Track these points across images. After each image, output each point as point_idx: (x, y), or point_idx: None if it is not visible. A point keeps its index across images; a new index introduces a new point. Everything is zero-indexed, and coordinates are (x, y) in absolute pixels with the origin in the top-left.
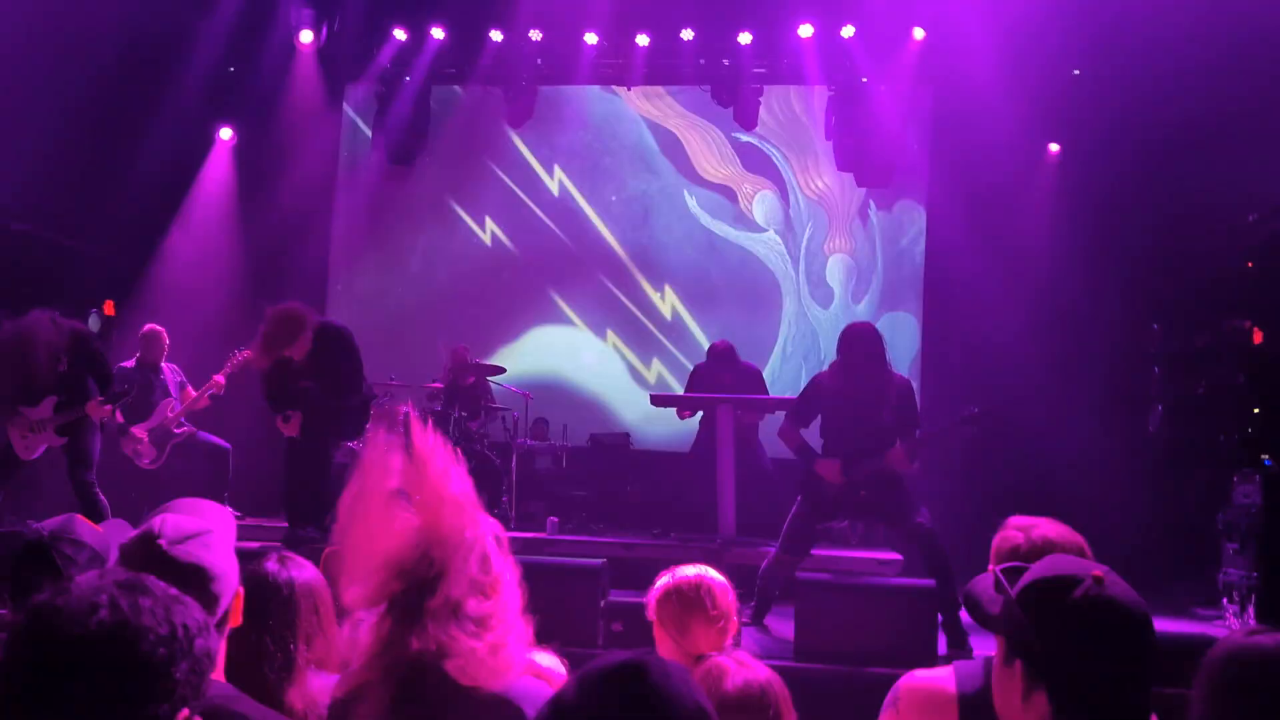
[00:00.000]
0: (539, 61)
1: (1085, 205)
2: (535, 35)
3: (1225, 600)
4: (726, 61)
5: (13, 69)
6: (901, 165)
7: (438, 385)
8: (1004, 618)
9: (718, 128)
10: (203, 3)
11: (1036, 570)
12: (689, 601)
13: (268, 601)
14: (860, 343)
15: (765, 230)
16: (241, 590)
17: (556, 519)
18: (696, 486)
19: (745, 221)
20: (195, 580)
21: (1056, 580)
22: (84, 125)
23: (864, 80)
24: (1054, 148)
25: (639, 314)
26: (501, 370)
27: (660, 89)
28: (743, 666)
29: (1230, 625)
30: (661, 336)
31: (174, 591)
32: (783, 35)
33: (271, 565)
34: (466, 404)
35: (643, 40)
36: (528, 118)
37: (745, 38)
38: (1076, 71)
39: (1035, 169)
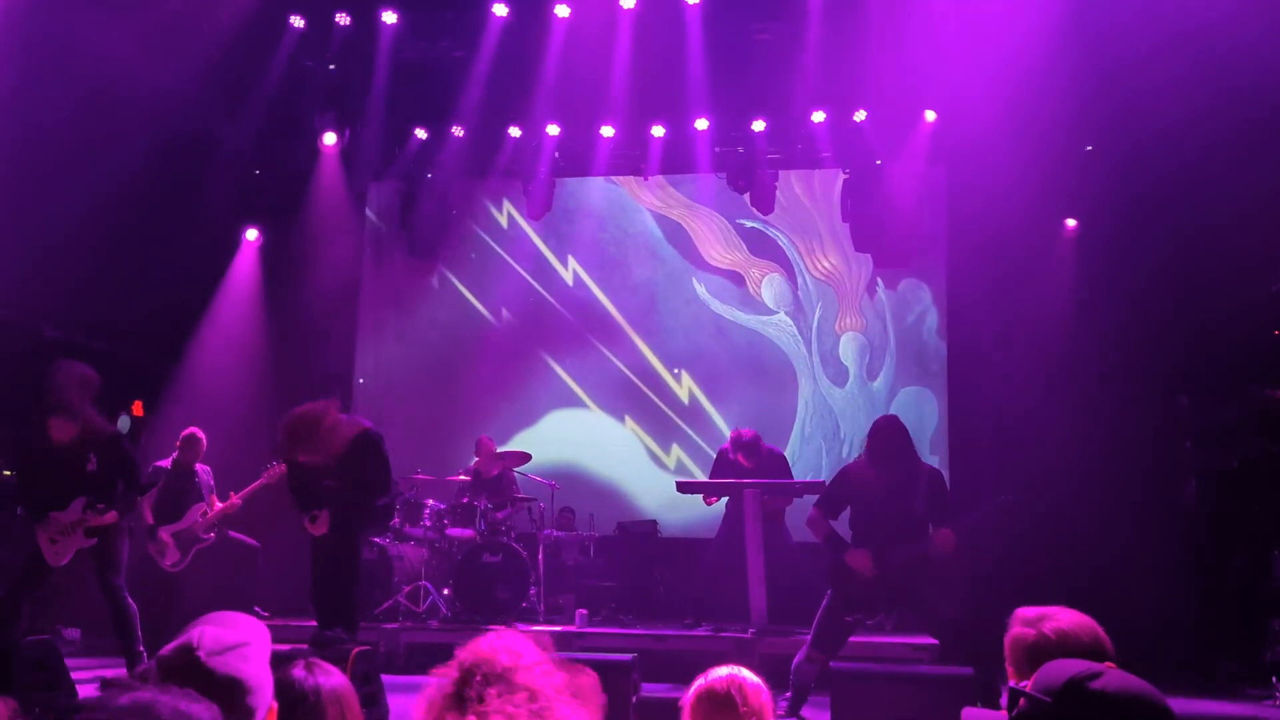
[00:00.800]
0: (556, 155)
1: (1105, 279)
2: (553, 130)
3: (1275, 679)
4: (741, 149)
5: (43, 174)
6: (919, 244)
7: (464, 478)
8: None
9: (721, 214)
10: (230, 109)
11: (1056, 672)
12: (720, 703)
13: (293, 708)
14: (889, 437)
15: (776, 312)
16: (275, 706)
17: (585, 611)
18: (725, 574)
19: (755, 305)
20: (231, 693)
21: (1079, 675)
22: (113, 228)
23: (878, 162)
24: (1071, 223)
25: (657, 400)
26: (527, 458)
27: (663, 180)
28: None
29: None
30: (680, 422)
31: (184, 708)
32: (796, 121)
33: (298, 672)
34: (493, 495)
35: (658, 131)
36: (546, 210)
37: (759, 125)
38: (1089, 147)
39: (1053, 245)
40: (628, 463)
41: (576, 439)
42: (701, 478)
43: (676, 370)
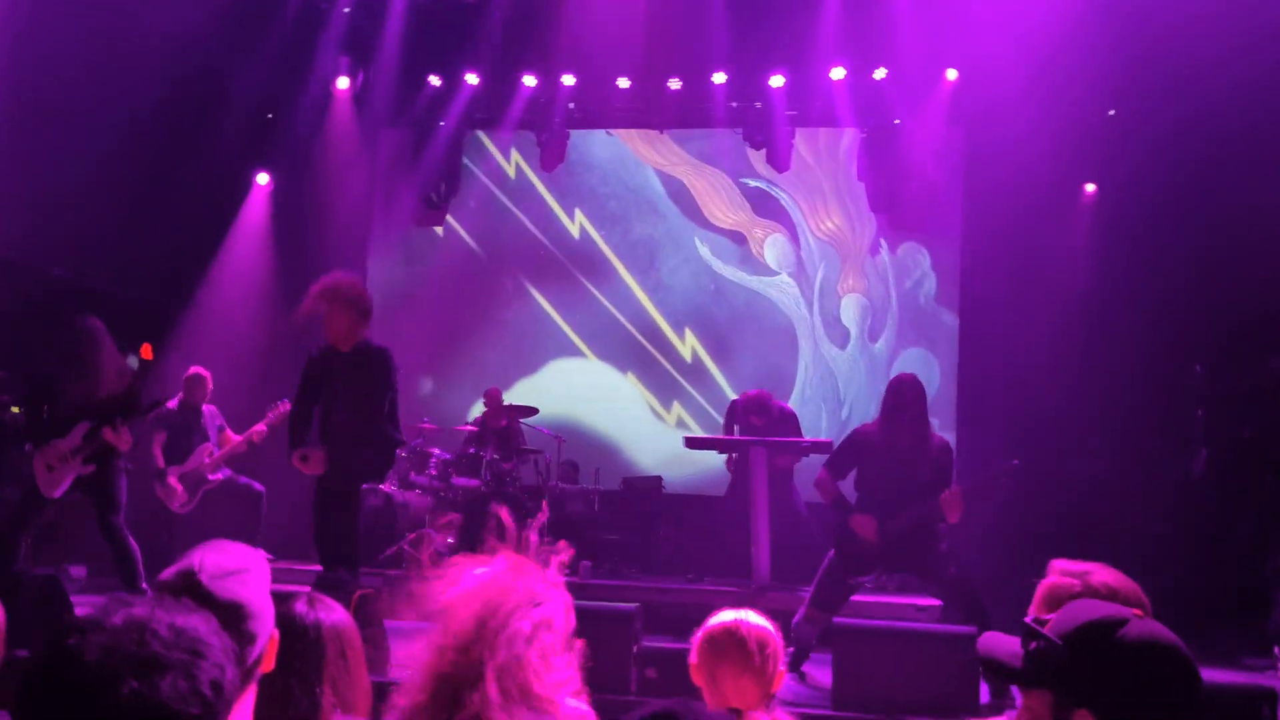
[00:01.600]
0: (571, 106)
1: (1123, 245)
2: (568, 80)
3: (1277, 649)
4: (759, 104)
5: (53, 115)
6: (934, 206)
7: (470, 428)
8: (1052, 670)
9: (725, 173)
10: (241, 50)
11: (1078, 615)
12: (721, 648)
13: (294, 644)
14: (905, 394)
15: (778, 273)
16: (276, 634)
17: (589, 563)
18: (731, 530)
19: (758, 265)
20: (233, 617)
21: (1102, 622)
22: (123, 170)
23: (896, 122)
24: (1090, 188)
25: (659, 356)
26: (534, 411)
27: (667, 137)
28: None
29: None
30: (682, 379)
31: (189, 638)
32: (815, 78)
33: (300, 607)
34: (499, 446)
35: (675, 84)
36: (559, 162)
37: (777, 81)
38: (1112, 111)
39: (1071, 209)
40: (628, 417)
41: (576, 391)
42: (701, 435)
43: (681, 327)
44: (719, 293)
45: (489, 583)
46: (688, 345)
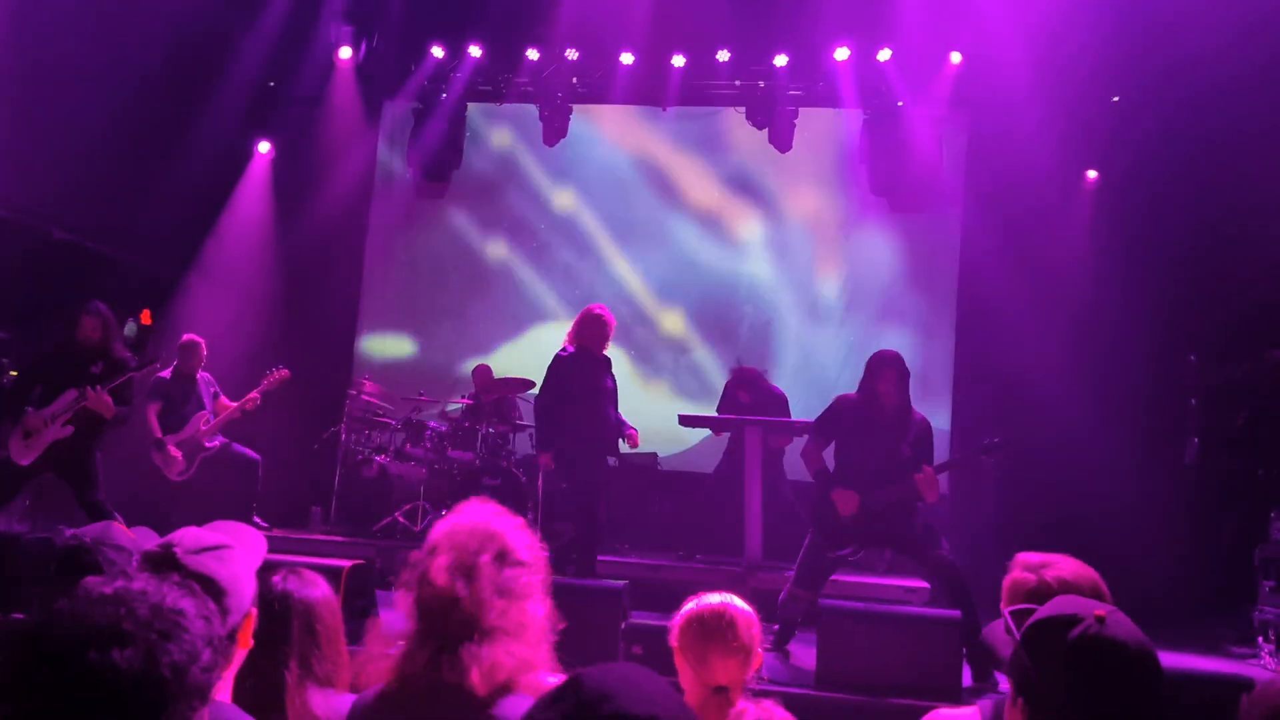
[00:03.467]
0: (574, 81)
1: (1123, 233)
2: (572, 54)
3: (1261, 639)
4: (762, 84)
5: (56, 80)
6: (936, 189)
7: (466, 401)
8: (1011, 657)
9: (703, 154)
10: (245, 18)
11: (1042, 610)
12: (709, 630)
13: (260, 617)
14: (887, 368)
15: (755, 254)
16: (254, 613)
17: None
18: (722, 509)
19: (735, 246)
20: (205, 591)
21: (1057, 620)
22: (125, 135)
23: (900, 104)
24: (1092, 174)
25: (645, 333)
26: (530, 384)
27: (645, 118)
28: (769, 716)
29: (1266, 664)
30: (666, 357)
31: (170, 618)
32: (819, 58)
33: (275, 579)
34: (493, 419)
35: (678, 61)
36: (562, 136)
37: (781, 60)
38: (1116, 98)
39: (1072, 196)
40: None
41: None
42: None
43: (666, 306)
44: (701, 273)
45: (450, 529)
46: (672, 323)
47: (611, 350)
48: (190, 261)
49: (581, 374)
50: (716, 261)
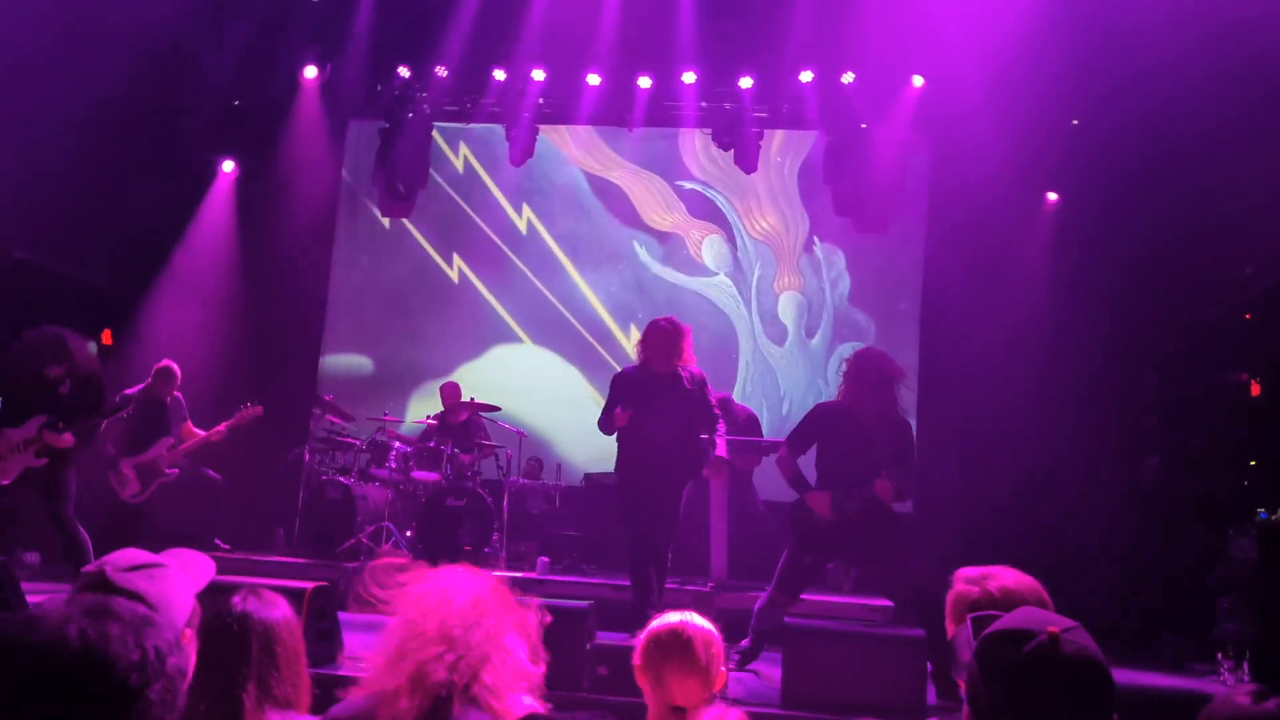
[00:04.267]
0: (541, 101)
1: (1083, 255)
2: (538, 75)
3: (1220, 656)
4: (728, 105)
5: (18, 97)
6: (899, 210)
7: (431, 422)
8: (965, 667)
9: (660, 175)
10: (210, 36)
11: (1000, 622)
12: (666, 649)
13: (217, 638)
14: (870, 364)
15: (716, 273)
16: (189, 634)
17: (547, 559)
18: (688, 529)
19: (695, 266)
20: None
21: (1010, 634)
22: (87, 152)
23: (863, 126)
24: (1052, 197)
25: (605, 353)
26: (496, 408)
27: (601, 140)
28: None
29: (1225, 681)
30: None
31: (142, 612)
32: (783, 81)
33: (234, 599)
34: (459, 440)
35: (645, 82)
36: (529, 156)
37: (746, 82)
38: (1076, 121)
39: (1033, 217)
40: (571, 411)
41: (523, 387)
42: None
43: (626, 325)
44: (661, 292)
45: (457, 586)
46: (632, 342)
47: (568, 370)
48: (152, 281)
49: (638, 391)
50: (679, 281)
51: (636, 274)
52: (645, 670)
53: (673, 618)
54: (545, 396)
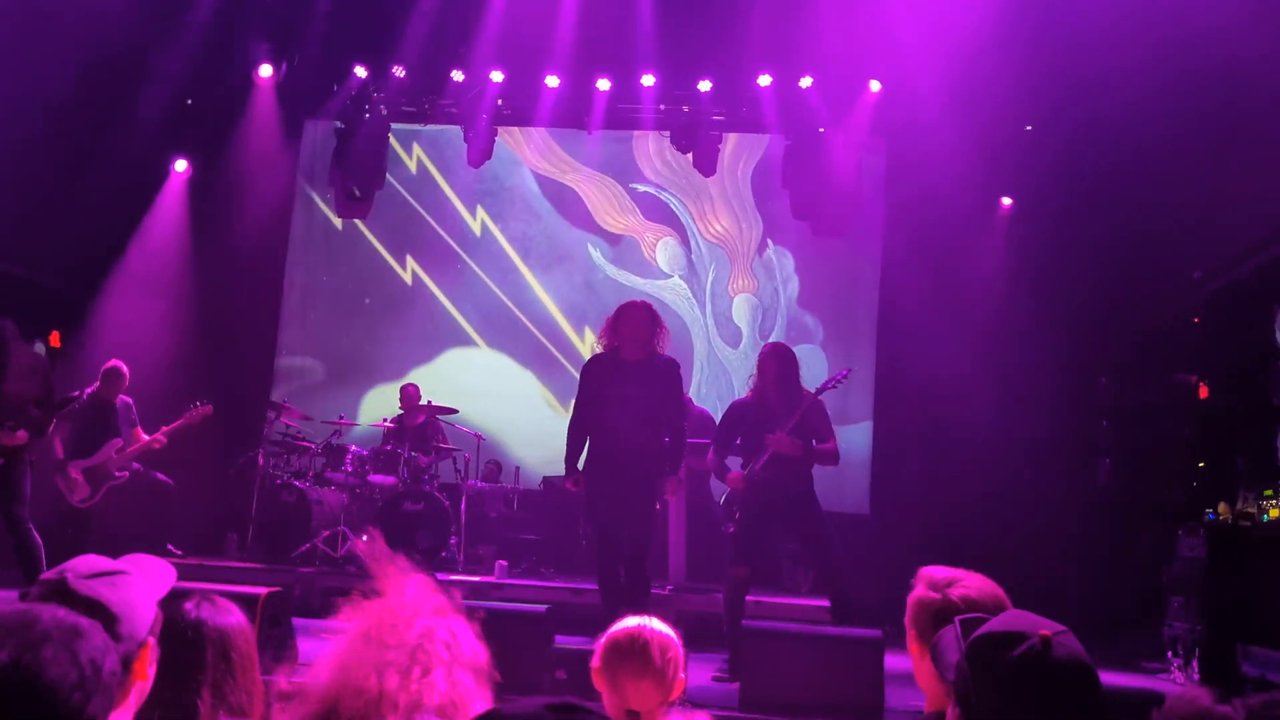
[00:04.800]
0: (499, 103)
1: (1036, 259)
2: (497, 77)
3: (1170, 654)
4: (686, 109)
5: None
6: (856, 214)
7: (389, 425)
8: (954, 668)
9: (614, 178)
10: (161, 34)
11: (991, 624)
12: (623, 653)
13: (173, 644)
14: (774, 360)
15: (670, 276)
16: (152, 643)
17: (505, 562)
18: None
19: (650, 269)
20: (96, 617)
21: (1001, 637)
22: (36, 151)
23: (821, 130)
24: (1006, 201)
25: (558, 354)
26: (453, 410)
27: (555, 144)
28: None
29: (1175, 679)
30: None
31: (70, 622)
32: (742, 84)
33: (187, 606)
34: (417, 443)
35: (604, 85)
36: (487, 158)
37: (705, 85)
38: (1029, 127)
39: (988, 222)
40: (525, 414)
41: (477, 389)
42: None
43: (581, 327)
44: (613, 295)
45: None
46: (587, 344)
47: (522, 372)
48: (104, 282)
49: (601, 379)
50: (633, 283)
51: (590, 276)
52: (602, 673)
53: (631, 622)
54: (498, 399)
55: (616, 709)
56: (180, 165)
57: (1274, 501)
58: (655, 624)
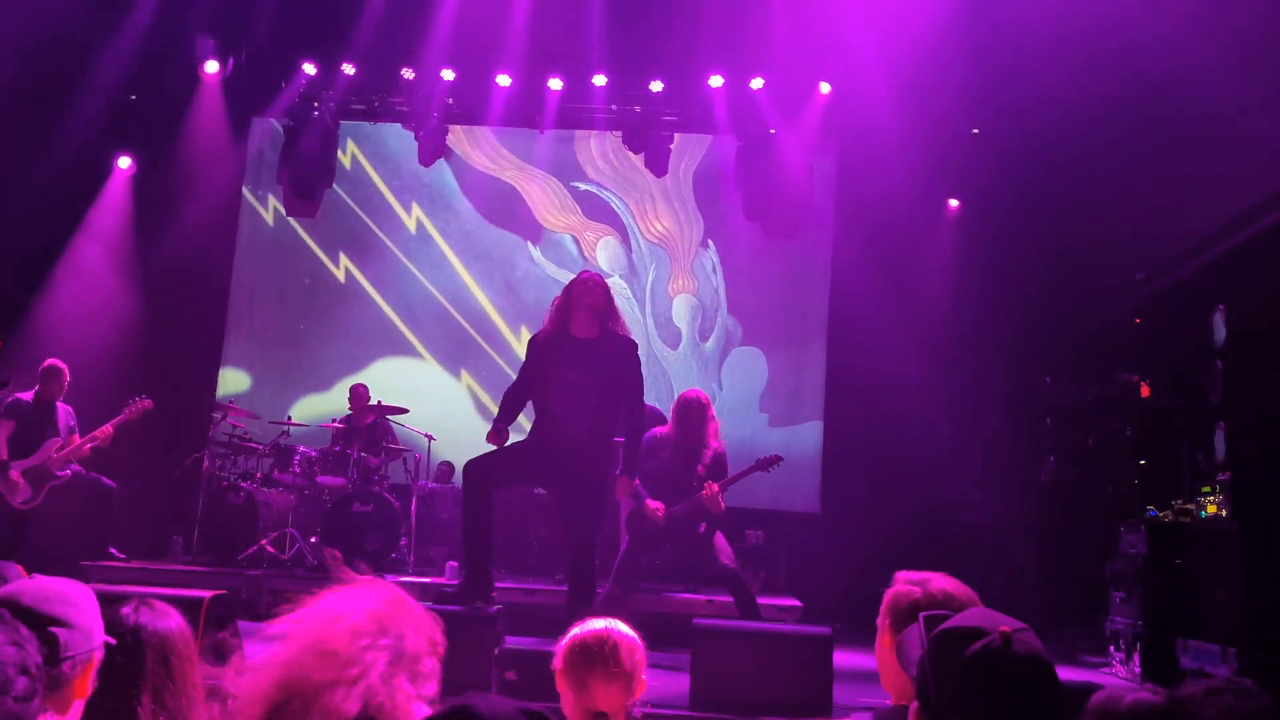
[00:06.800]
0: (450, 101)
1: (983, 260)
2: (448, 75)
3: (1112, 648)
4: (638, 109)
5: None
6: (807, 215)
7: (338, 425)
8: (916, 663)
9: (555, 176)
10: (104, 28)
11: (954, 620)
12: (591, 655)
13: (110, 651)
14: (691, 410)
15: (610, 275)
16: (97, 659)
17: (456, 564)
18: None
19: (590, 268)
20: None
21: (962, 632)
22: None
23: (772, 131)
24: (954, 203)
25: (495, 356)
26: (404, 410)
27: (496, 140)
28: None
29: (1117, 672)
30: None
31: None
32: (694, 85)
33: (125, 610)
34: (366, 444)
35: (555, 84)
36: (438, 156)
37: (657, 86)
38: (976, 130)
39: (935, 223)
40: (459, 413)
41: (409, 388)
42: None
43: (518, 326)
44: (553, 293)
45: (333, 619)
46: (522, 342)
47: (457, 372)
48: (43, 282)
49: (545, 358)
50: (564, 284)
51: (530, 275)
52: (568, 675)
53: (598, 624)
54: (432, 398)
55: (580, 710)
56: (124, 162)
57: (1210, 498)
58: (621, 627)
